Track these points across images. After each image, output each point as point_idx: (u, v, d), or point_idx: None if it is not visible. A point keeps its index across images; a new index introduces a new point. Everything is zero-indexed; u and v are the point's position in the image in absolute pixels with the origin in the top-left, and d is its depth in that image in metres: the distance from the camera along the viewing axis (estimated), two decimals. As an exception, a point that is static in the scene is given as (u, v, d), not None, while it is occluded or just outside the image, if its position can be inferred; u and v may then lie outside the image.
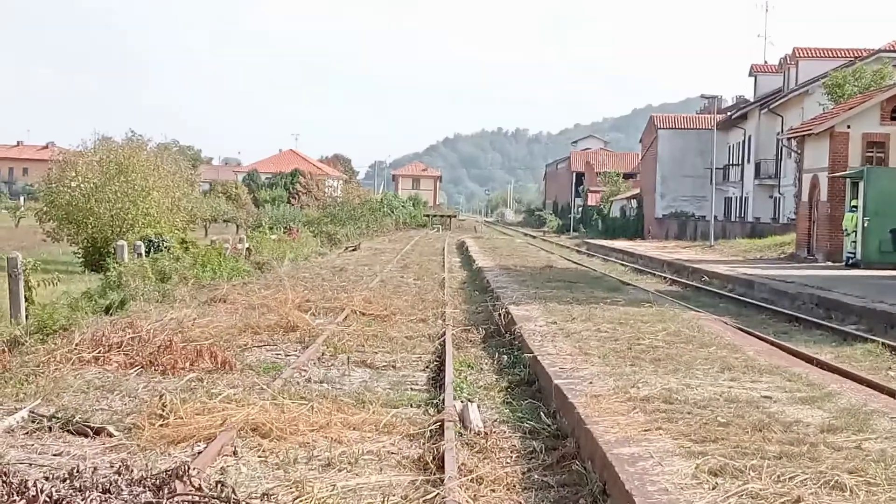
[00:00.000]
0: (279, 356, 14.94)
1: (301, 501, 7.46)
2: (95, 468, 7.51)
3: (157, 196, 40.19)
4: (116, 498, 6.74)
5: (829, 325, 19.94)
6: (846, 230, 36.42)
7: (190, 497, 6.89)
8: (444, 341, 16.04)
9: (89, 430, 9.61)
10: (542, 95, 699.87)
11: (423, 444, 9.50)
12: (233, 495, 6.95)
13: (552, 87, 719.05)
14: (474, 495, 7.87)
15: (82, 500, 6.58)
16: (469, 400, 11.50)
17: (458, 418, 10.36)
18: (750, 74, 70.88)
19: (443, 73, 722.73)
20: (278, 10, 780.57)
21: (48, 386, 11.57)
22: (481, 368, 14.29)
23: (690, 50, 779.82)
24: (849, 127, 38.61)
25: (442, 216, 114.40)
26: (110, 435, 9.54)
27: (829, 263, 36.94)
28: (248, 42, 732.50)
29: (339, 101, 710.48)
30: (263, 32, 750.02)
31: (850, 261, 35.66)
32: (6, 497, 6.71)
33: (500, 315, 18.48)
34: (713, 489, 6.95)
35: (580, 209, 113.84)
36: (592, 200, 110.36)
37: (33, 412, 10.15)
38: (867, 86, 44.41)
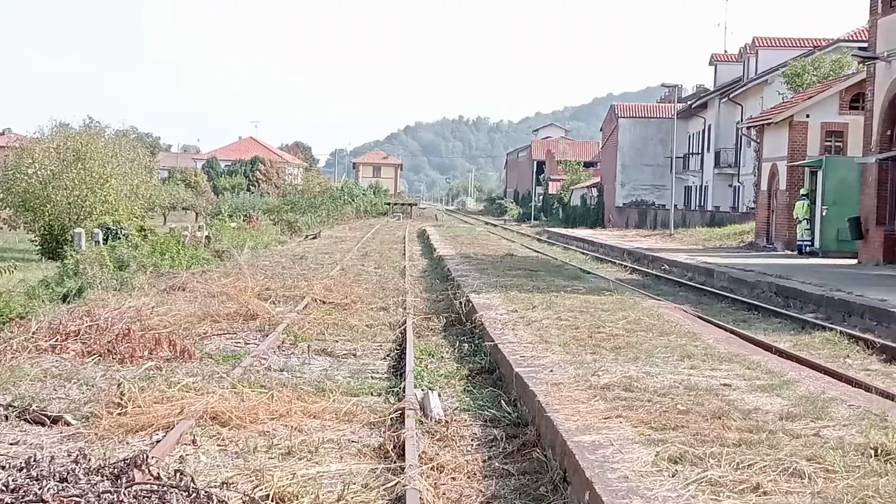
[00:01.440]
0: (239, 345, 14.88)
1: (261, 490, 7.41)
2: (53, 457, 7.43)
3: (115, 183, 39.96)
4: (74, 487, 6.67)
5: (788, 313, 20.07)
6: (797, 218, 36.73)
7: (148, 486, 6.83)
8: (404, 329, 16.03)
9: (46, 419, 9.52)
10: (503, 83, 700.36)
11: (384, 432, 9.48)
12: (192, 484, 6.90)
13: (513, 75, 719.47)
14: (435, 483, 7.86)
15: (39, 489, 6.51)
16: (430, 388, 11.50)
17: (418, 406, 10.36)
18: (710, 63, 71.13)
19: (403, 61, 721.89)
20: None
21: (4, 375, 11.45)
22: (442, 357, 14.30)
23: (651, 38, 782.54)
24: (808, 116, 38.88)
25: (403, 204, 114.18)
26: (67, 424, 9.47)
27: (788, 252, 37.23)
28: (207, 26, 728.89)
29: (299, 89, 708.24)
30: (222, 16, 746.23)
31: (804, 248, 35.93)
32: (-39, 487, 6.64)
33: (460, 303, 18.48)
34: (673, 476, 6.97)
35: (541, 198, 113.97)
36: (553, 189, 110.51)
37: (-11, 401, 10.05)
38: (826, 75, 44.71)
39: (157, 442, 8.76)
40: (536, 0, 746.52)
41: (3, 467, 7.03)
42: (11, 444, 8.87)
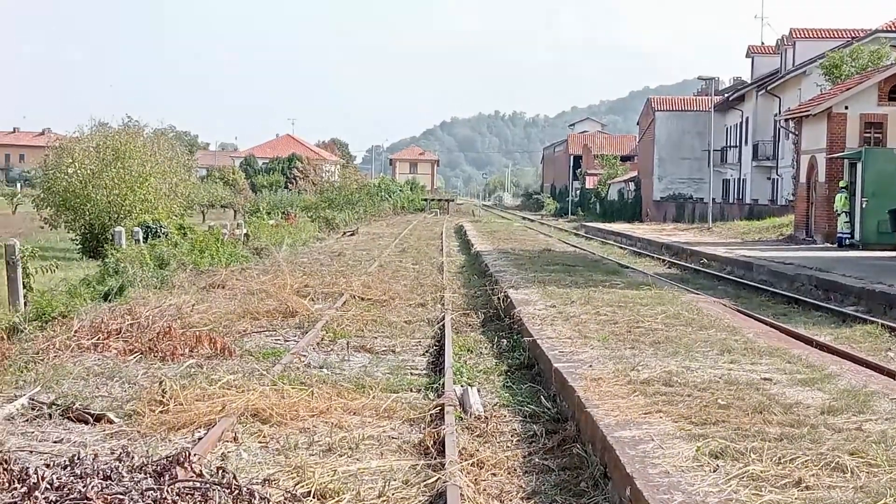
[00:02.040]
0: (278, 341, 14.94)
1: (302, 486, 7.46)
2: (96, 455, 7.50)
3: (154, 182, 40.13)
4: (117, 484, 6.73)
5: (828, 306, 19.96)
6: (837, 210, 36.46)
7: (191, 483, 6.89)
8: (443, 325, 16.05)
9: (89, 417, 9.61)
10: (539, 78, 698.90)
11: (424, 428, 9.50)
12: (234, 481, 6.94)
13: (549, 70, 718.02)
14: (475, 479, 7.87)
15: (83, 486, 6.58)
16: (469, 384, 11.51)
17: (458, 402, 10.38)
18: (747, 56, 70.70)
19: (439, 57, 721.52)
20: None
21: (48, 373, 11.57)
22: (481, 352, 14.29)
23: (687, 32, 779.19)
24: (846, 108, 38.52)
25: (439, 200, 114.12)
26: (110, 421, 9.54)
27: (828, 245, 36.95)
28: (246, 27, 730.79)
29: (335, 86, 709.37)
30: (262, 18, 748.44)
31: (844, 241, 35.67)
32: (8, 484, 6.72)
33: (498, 299, 18.47)
34: (714, 471, 6.96)
35: (578, 192, 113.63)
36: (590, 183, 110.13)
37: (33, 399, 10.15)
38: (864, 66, 44.28)
39: (199, 439, 8.82)
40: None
41: (48, 465, 7.11)
42: (55, 441, 8.96)
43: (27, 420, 9.63)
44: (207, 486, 6.83)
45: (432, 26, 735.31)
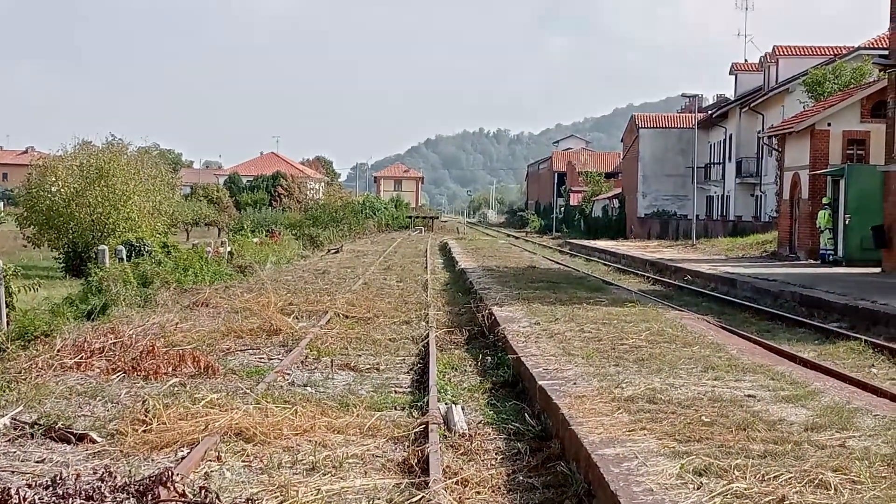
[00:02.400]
0: (262, 360, 14.90)
1: (285, 506, 7.42)
2: (78, 475, 7.46)
3: (137, 200, 40.15)
4: (99, 505, 6.70)
5: (812, 323, 20.00)
6: (820, 227, 36.62)
7: (174, 503, 6.86)
8: (427, 343, 16.04)
9: (72, 437, 9.56)
10: (524, 96, 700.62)
11: (408, 446, 9.48)
12: (217, 500, 6.92)
13: (533, 87, 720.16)
14: (459, 497, 7.85)
15: (65, 507, 6.55)
16: (453, 402, 11.49)
17: (442, 420, 10.36)
18: (730, 73, 70.99)
19: (423, 75, 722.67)
20: (261, 10, 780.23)
21: (30, 392, 11.50)
22: (465, 370, 14.29)
23: (671, 49, 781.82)
24: (829, 125, 38.74)
25: (424, 217, 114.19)
26: (93, 441, 9.49)
27: (811, 261, 37.09)
28: (229, 44, 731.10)
29: (319, 103, 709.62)
30: (245, 35, 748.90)
31: (828, 257, 35.81)
32: (-12, 505, 6.68)
33: (483, 316, 18.46)
34: (698, 489, 6.95)
35: (562, 209, 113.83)
36: (574, 200, 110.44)
37: (15, 419, 10.09)
38: (847, 83, 44.51)
39: (182, 458, 8.78)
40: (555, 12, 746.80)
41: (30, 485, 7.07)
42: (38, 461, 8.91)
43: (9, 440, 9.57)
44: (190, 505, 6.80)
45: (416, 44, 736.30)
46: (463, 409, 11.14)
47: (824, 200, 36.79)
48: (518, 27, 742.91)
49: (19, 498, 6.63)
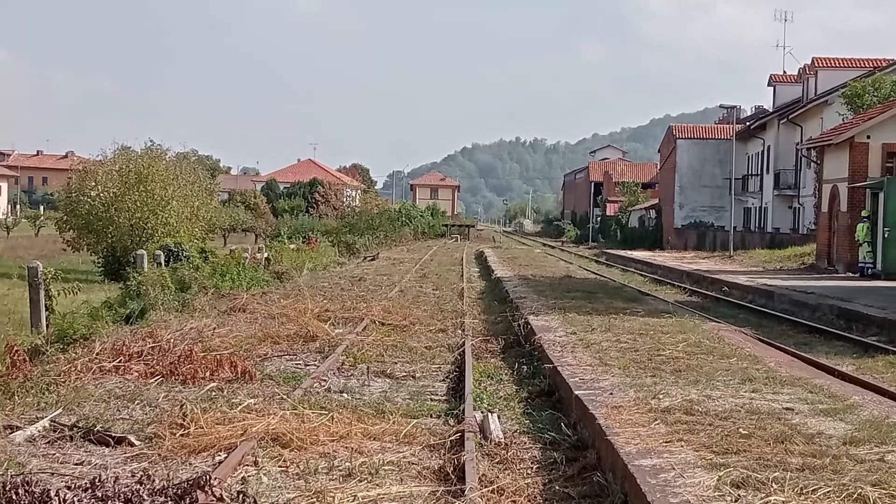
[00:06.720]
0: (299, 366, 14.95)
1: (322, 512, 7.45)
2: (117, 477, 7.52)
3: (176, 205, 40.39)
4: (138, 507, 6.75)
5: (850, 336, 19.86)
6: (859, 240, 36.34)
7: (211, 507, 6.90)
8: (463, 351, 16.03)
9: (110, 440, 9.63)
10: (561, 105, 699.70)
11: (444, 454, 9.49)
12: (254, 505, 6.95)
13: (570, 97, 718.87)
14: (495, 506, 7.85)
15: (104, 509, 6.60)
16: (489, 410, 11.49)
17: (478, 429, 10.35)
18: (769, 84, 70.70)
19: (461, 83, 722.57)
20: (299, 18, 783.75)
21: (69, 395, 11.60)
22: (501, 379, 14.27)
23: (709, 60, 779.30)
24: (868, 137, 38.42)
25: (460, 226, 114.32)
26: (131, 444, 9.56)
27: (850, 274, 36.80)
28: (269, 53, 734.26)
29: (357, 111, 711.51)
30: (285, 43, 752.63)
31: (866, 271, 35.55)
32: (29, 506, 6.73)
33: (519, 325, 18.46)
34: (736, 501, 6.92)
35: (598, 219, 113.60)
36: (611, 210, 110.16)
37: (55, 421, 10.18)
38: (887, 95, 44.22)
39: (220, 463, 8.83)
40: (594, 21, 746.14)
41: (70, 487, 7.13)
42: (77, 464, 8.99)
43: (48, 442, 9.66)
44: (228, 509, 6.84)
45: (453, 53, 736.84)
46: (499, 417, 11.14)
47: (863, 213, 36.53)
48: (554, 35, 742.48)
49: (59, 500, 6.69)
